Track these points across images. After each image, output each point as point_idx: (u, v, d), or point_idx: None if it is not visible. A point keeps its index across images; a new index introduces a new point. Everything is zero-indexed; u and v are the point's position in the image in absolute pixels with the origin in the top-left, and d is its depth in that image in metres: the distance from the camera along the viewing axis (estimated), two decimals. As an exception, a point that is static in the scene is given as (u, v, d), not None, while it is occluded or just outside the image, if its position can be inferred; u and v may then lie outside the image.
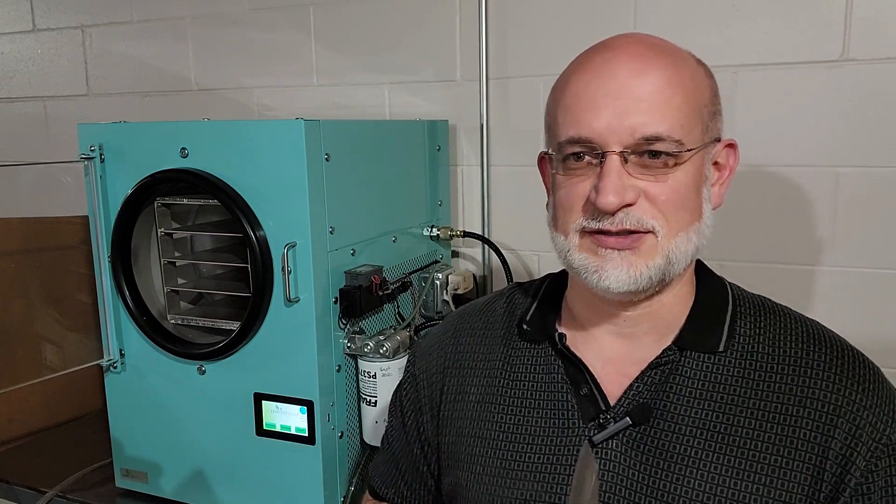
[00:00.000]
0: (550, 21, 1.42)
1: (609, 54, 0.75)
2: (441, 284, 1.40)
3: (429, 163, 1.43)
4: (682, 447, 0.74)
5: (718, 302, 0.82)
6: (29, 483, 1.35)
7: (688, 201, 0.74)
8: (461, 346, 0.92)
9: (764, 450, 0.72)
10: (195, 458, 1.23)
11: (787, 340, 0.78)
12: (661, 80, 0.72)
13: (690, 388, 0.76)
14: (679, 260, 0.74)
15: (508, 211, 1.52)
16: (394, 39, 1.56)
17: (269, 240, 1.09)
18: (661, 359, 0.78)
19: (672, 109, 0.72)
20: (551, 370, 0.83)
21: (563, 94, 0.76)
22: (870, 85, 1.21)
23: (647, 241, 0.73)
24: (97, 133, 1.19)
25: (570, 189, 0.76)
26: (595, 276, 0.74)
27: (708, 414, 0.75)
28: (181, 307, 1.27)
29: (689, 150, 0.73)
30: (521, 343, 0.87)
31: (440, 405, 0.90)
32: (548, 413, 0.82)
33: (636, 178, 0.72)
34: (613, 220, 0.72)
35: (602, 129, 0.72)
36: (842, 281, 1.28)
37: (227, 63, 1.73)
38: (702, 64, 0.78)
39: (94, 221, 1.21)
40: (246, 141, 1.09)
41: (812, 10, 1.23)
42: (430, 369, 0.93)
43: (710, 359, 0.77)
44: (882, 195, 1.23)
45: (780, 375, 0.75)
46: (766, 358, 0.77)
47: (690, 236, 0.74)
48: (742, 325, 0.79)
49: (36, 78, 1.97)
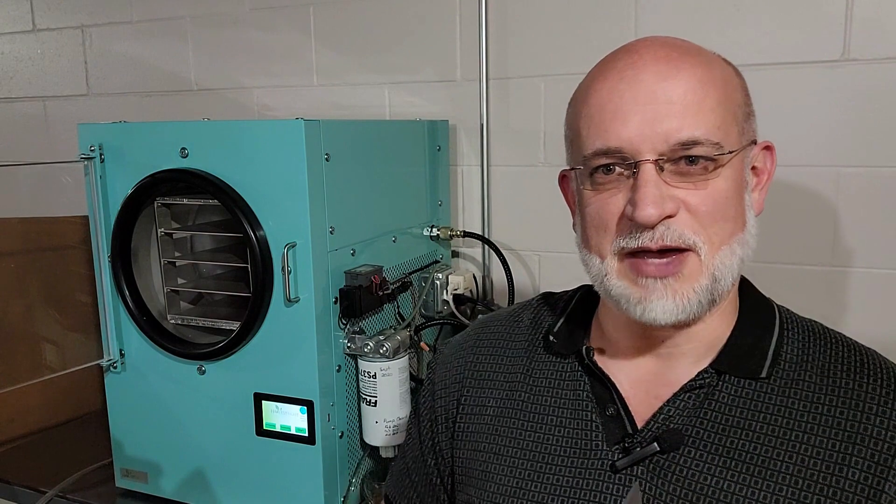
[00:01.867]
0: (550, 21, 1.42)
1: (633, 58, 0.70)
2: (441, 284, 1.40)
3: (429, 163, 1.43)
4: (714, 479, 0.68)
5: (764, 323, 0.76)
6: (29, 483, 1.35)
7: (730, 210, 0.69)
8: (482, 357, 0.87)
9: (806, 488, 0.66)
10: (195, 458, 1.23)
11: (839, 369, 0.71)
12: (693, 81, 0.67)
13: (727, 415, 0.70)
14: (725, 276, 0.69)
15: (508, 211, 1.52)
16: (394, 39, 1.56)
17: (269, 240, 1.09)
18: (696, 381, 0.72)
19: (706, 111, 0.67)
20: (577, 387, 0.78)
21: (585, 105, 0.71)
22: (870, 85, 1.21)
23: (689, 263, 0.68)
24: (97, 133, 1.19)
25: (601, 205, 0.70)
26: (639, 308, 0.69)
27: (744, 444, 0.69)
28: (181, 307, 1.26)
29: (728, 152, 0.68)
30: (545, 356, 0.82)
31: (456, 417, 0.85)
32: (570, 432, 0.76)
33: (674, 188, 0.67)
34: (653, 236, 0.67)
35: (632, 136, 0.67)
36: (842, 281, 1.28)
37: (227, 63, 1.73)
38: (730, 64, 0.74)
39: (94, 221, 1.21)
40: (246, 141, 1.09)
41: (812, 11, 1.23)
42: (448, 379, 0.88)
43: (750, 385, 0.71)
44: (882, 195, 1.23)
45: (829, 408, 0.68)
46: (814, 388, 0.70)
47: (734, 248, 0.69)
48: (789, 349, 0.73)
49: (36, 78, 1.97)
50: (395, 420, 1.19)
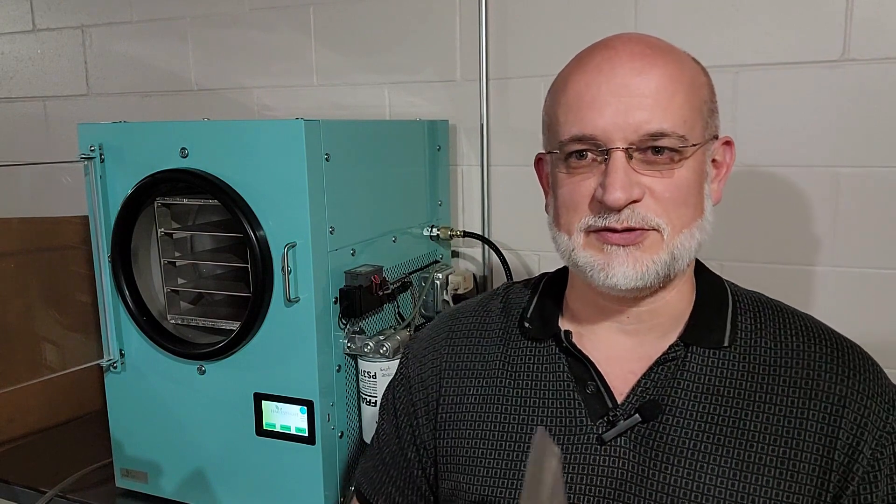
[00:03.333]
0: (550, 21, 1.42)
1: (609, 53, 0.75)
2: (441, 284, 1.40)
3: (429, 163, 1.43)
4: (692, 441, 0.75)
5: (720, 298, 0.83)
6: (29, 483, 1.35)
7: (690, 198, 0.75)
8: (457, 348, 0.90)
9: (773, 442, 0.73)
10: (195, 458, 1.23)
11: (787, 335, 0.79)
12: (664, 78, 0.73)
13: (698, 383, 0.77)
14: (683, 256, 0.75)
15: (508, 211, 1.52)
16: (394, 39, 1.56)
17: (269, 240, 1.09)
18: (667, 354, 0.79)
19: (675, 106, 0.73)
20: (556, 368, 0.83)
21: (563, 94, 0.77)
22: (870, 85, 1.21)
23: (651, 237, 0.74)
24: (97, 133, 1.19)
25: (573, 188, 0.76)
26: (602, 274, 0.75)
27: (716, 408, 0.76)
28: (181, 307, 1.27)
29: (692, 145, 0.74)
30: (522, 342, 0.87)
31: (437, 409, 0.89)
32: (553, 412, 0.81)
33: (641, 175, 0.73)
34: (619, 218, 0.73)
35: (606, 126, 0.72)
36: (842, 281, 1.28)
37: (227, 63, 1.73)
38: (698, 63, 0.80)
39: (94, 221, 1.21)
40: (246, 141, 1.09)
41: (812, 10, 1.23)
42: (425, 373, 0.91)
43: (715, 354, 0.78)
44: (882, 195, 1.23)
45: (785, 369, 0.76)
46: (769, 352, 0.78)
47: (693, 233, 0.75)
48: (743, 320, 0.81)
49: (36, 78, 1.98)
50: (395, 420, 1.19)
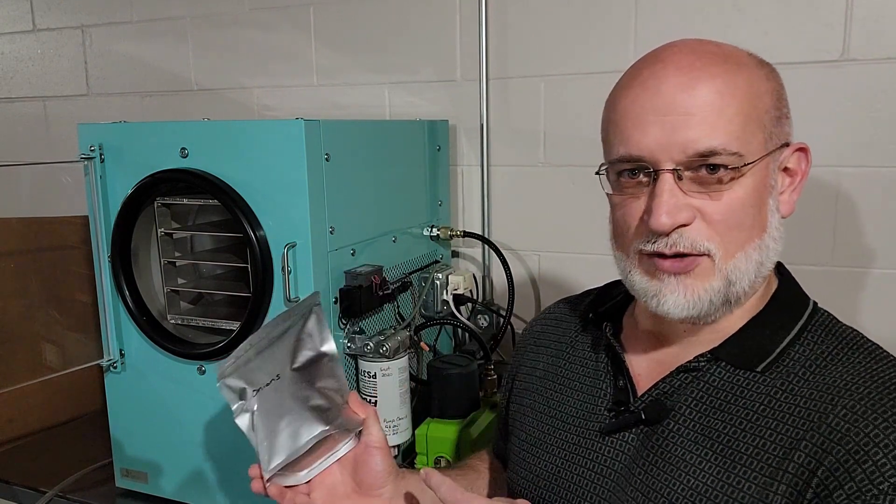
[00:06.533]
0: (550, 21, 1.42)
1: (657, 67, 0.72)
2: (441, 284, 1.40)
3: (429, 163, 1.43)
4: (689, 454, 0.72)
5: (783, 322, 0.76)
6: (29, 483, 1.35)
7: (746, 218, 0.71)
8: (547, 326, 0.98)
9: (758, 469, 0.67)
10: (195, 458, 1.23)
11: (839, 369, 0.70)
12: (711, 93, 0.69)
13: (712, 397, 0.73)
14: (741, 279, 0.71)
15: (508, 211, 1.52)
16: (394, 40, 1.56)
17: (269, 240, 1.09)
18: (690, 364, 0.75)
19: (724, 121, 0.68)
20: (600, 359, 0.86)
21: (613, 110, 0.75)
22: (870, 85, 1.21)
23: (702, 264, 0.71)
24: (97, 133, 1.19)
25: (625, 209, 0.74)
26: (654, 301, 0.73)
27: (723, 427, 0.71)
28: (181, 307, 1.26)
29: (748, 163, 0.69)
30: (591, 329, 0.90)
31: (515, 375, 0.98)
32: (585, 397, 0.85)
33: (691, 197, 0.70)
34: (668, 242, 0.70)
35: (652, 146, 0.69)
36: (841, 281, 1.28)
37: (227, 63, 1.74)
38: (764, 65, 0.75)
39: (93, 221, 1.21)
40: (246, 141, 1.08)
41: (812, 10, 1.23)
42: (520, 343, 1.01)
43: (743, 374, 0.73)
44: (882, 195, 1.23)
45: (805, 400, 0.69)
46: (802, 382, 0.70)
47: (750, 254, 0.71)
48: (800, 350, 0.73)
49: (36, 78, 1.98)
50: (395, 420, 1.18)
